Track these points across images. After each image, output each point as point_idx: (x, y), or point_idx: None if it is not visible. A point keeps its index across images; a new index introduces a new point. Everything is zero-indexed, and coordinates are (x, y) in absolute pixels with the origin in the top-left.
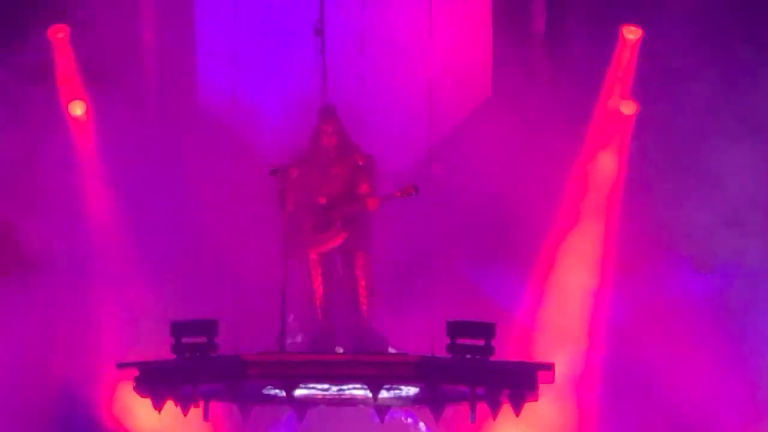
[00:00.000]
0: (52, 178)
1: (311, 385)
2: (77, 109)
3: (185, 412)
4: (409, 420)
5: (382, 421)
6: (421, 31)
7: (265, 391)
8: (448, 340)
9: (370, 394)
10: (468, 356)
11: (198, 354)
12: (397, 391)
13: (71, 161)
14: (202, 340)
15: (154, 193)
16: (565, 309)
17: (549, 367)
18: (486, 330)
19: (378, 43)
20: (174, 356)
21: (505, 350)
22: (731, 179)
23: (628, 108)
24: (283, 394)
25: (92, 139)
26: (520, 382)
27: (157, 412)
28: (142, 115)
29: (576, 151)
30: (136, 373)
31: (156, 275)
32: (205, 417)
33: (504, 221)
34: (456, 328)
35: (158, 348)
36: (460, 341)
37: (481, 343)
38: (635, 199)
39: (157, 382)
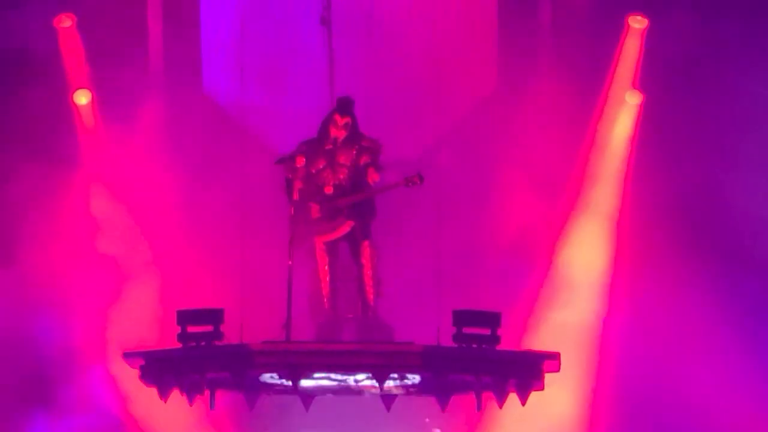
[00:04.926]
0: (56, 162)
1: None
2: (82, 98)
3: (191, 401)
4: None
5: (388, 410)
6: (427, 20)
7: (271, 380)
8: (454, 330)
9: (376, 384)
10: (474, 345)
11: (204, 343)
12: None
13: (75, 149)
14: (208, 328)
15: (158, 183)
16: (572, 299)
17: (554, 356)
18: (492, 319)
19: (384, 32)
20: (180, 345)
21: (511, 340)
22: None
23: (634, 98)
24: (289, 383)
25: (97, 128)
26: (526, 372)
27: (163, 401)
28: (147, 105)
29: (581, 140)
30: (142, 362)
31: (162, 264)
32: (211, 406)
33: (510, 210)
34: (462, 318)
35: (163, 337)
36: (466, 330)
37: (488, 332)
38: (642, 187)
39: (162, 372)
